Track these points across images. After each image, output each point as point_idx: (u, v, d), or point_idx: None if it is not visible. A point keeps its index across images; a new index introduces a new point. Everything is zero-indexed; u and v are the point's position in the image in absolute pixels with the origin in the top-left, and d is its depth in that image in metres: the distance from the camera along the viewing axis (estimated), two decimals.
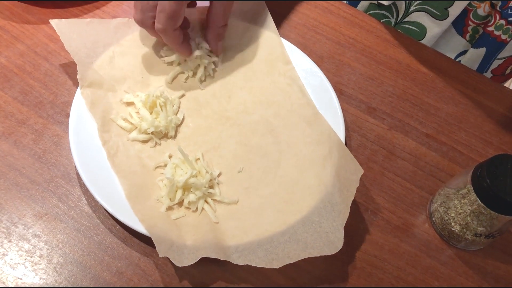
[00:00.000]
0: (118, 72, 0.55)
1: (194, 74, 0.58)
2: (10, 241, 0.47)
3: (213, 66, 0.58)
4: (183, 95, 0.57)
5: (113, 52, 0.56)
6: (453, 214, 0.49)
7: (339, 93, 0.60)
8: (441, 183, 0.55)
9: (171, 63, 0.58)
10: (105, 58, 0.55)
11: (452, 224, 0.49)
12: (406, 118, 0.60)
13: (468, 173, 0.47)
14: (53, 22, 0.55)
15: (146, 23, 0.52)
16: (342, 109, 0.55)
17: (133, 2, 0.53)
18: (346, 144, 0.54)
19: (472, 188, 0.46)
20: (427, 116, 0.60)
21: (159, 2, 0.49)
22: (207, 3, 0.55)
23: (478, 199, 0.45)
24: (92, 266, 0.46)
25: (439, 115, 0.61)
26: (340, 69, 0.63)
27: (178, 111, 0.55)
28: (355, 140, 0.57)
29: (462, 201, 0.48)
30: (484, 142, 0.59)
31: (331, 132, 0.53)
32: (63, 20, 0.56)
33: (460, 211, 0.48)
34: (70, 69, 0.58)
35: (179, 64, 0.58)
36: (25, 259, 0.46)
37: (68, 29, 0.55)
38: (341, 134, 0.53)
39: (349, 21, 0.68)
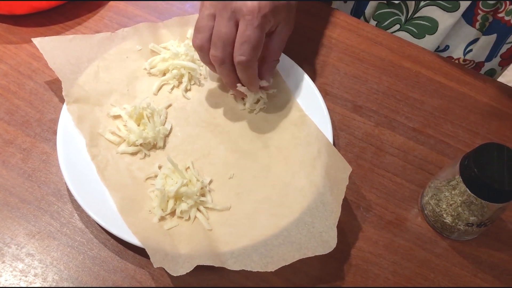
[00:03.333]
0: (104, 86, 0.55)
1: (180, 83, 0.58)
2: (3, 262, 0.46)
3: (198, 75, 0.59)
4: (170, 105, 0.57)
5: (98, 66, 0.56)
6: (444, 206, 0.49)
7: (325, 93, 0.61)
8: (430, 176, 0.55)
9: (155, 74, 0.58)
10: (89, 73, 0.55)
11: (444, 215, 0.50)
12: (392, 114, 0.60)
13: (456, 164, 0.47)
14: (36, 41, 0.55)
15: (227, 59, 0.49)
16: (329, 109, 0.56)
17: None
18: (334, 143, 0.54)
19: (461, 179, 0.46)
20: (412, 111, 0.61)
21: (241, 33, 0.47)
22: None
23: (467, 189, 0.46)
24: (88, 282, 0.46)
25: (424, 108, 0.61)
26: (324, 69, 0.63)
27: (165, 121, 0.55)
28: (343, 138, 0.58)
29: (453, 192, 0.48)
30: (470, 133, 0.60)
31: (319, 133, 0.53)
32: (46, 38, 0.56)
33: (451, 202, 0.49)
34: (55, 86, 0.58)
35: (164, 74, 0.58)
36: (20, 279, 0.46)
37: (51, 46, 0.55)
38: (328, 134, 0.53)
39: (330, 21, 0.68)
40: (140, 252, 0.47)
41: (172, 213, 0.48)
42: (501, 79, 0.79)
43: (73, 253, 0.47)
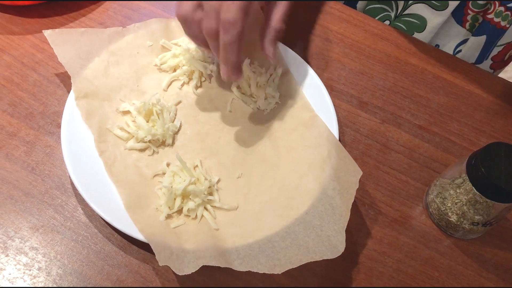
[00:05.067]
0: (113, 81, 0.55)
1: (190, 80, 0.58)
2: (7, 255, 0.46)
3: (209, 72, 0.58)
4: (179, 102, 0.56)
5: (108, 61, 0.55)
6: (449, 204, 0.49)
7: (330, 89, 0.60)
8: (436, 174, 0.55)
9: (166, 70, 0.58)
10: (99, 68, 0.55)
11: (449, 214, 0.50)
12: (398, 111, 0.60)
13: (463, 163, 0.47)
14: (46, 33, 0.54)
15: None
16: (334, 105, 0.55)
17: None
18: (340, 140, 0.54)
19: (467, 178, 0.46)
20: (418, 108, 0.61)
21: None
22: None
23: (473, 188, 0.45)
24: (92, 276, 0.46)
25: (430, 106, 0.61)
26: (329, 65, 0.63)
27: (175, 118, 0.55)
28: (349, 135, 0.57)
29: (458, 190, 0.48)
30: (476, 131, 0.59)
31: (329, 134, 0.52)
32: (56, 30, 0.55)
33: (456, 201, 0.48)
34: (58, 78, 0.57)
35: (174, 70, 0.58)
36: (24, 273, 0.45)
37: (61, 40, 0.54)
38: (334, 130, 0.53)
39: (336, 16, 0.68)
40: (145, 247, 0.47)
41: (179, 211, 0.48)
42: (502, 75, 0.79)
43: (77, 247, 0.47)
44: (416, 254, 0.50)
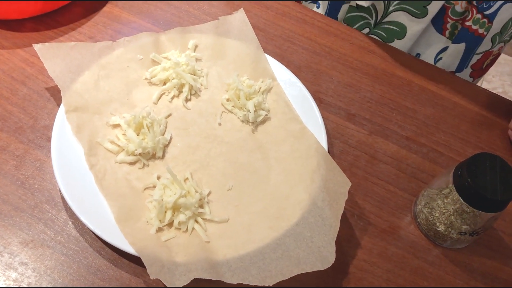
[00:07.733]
0: (104, 94, 0.55)
1: (180, 93, 0.58)
2: None
3: (199, 85, 0.58)
4: (169, 115, 0.56)
5: (98, 75, 0.56)
6: (437, 214, 0.50)
7: (319, 101, 0.61)
8: (423, 184, 0.56)
9: (156, 84, 0.58)
10: (89, 81, 0.55)
11: (437, 224, 0.50)
12: (386, 122, 0.61)
13: (449, 173, 0.48)
14: (36, 47, 0.55)
15: None
16: (323, 117, 0.56)
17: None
18: (328, 151, 0.55)
19: (454, 188, 0.47)
20: (405, 119, 0.62)
21: None
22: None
23: (460, 198, 0.46)
24: None
25: (417, 117, 0.62)
26: (318, 78, 0.64)
27: (165, 131, 0.55)
28: (337, 147, 0.58)
29: (445, 200, 0.49)
30: (462, 142, 0.61)
31: (319, 146, 0.53)
32: (46, 44, 0.55)
33: (444, 211, 0.49)
34: (48, 92, 0.57)
35: (164, 84, 0.58)
36: None
37: (51, 54, 0.55)
38: (323, 142, 0.54)
39: (324, 30, 0.69)
40: (135, 260, 0.47)
41: (170, 224, 0.48)
42: (486, 85, 0.80)
43: (67, 261, 0.47)
44: (405, 264, 0.51)
